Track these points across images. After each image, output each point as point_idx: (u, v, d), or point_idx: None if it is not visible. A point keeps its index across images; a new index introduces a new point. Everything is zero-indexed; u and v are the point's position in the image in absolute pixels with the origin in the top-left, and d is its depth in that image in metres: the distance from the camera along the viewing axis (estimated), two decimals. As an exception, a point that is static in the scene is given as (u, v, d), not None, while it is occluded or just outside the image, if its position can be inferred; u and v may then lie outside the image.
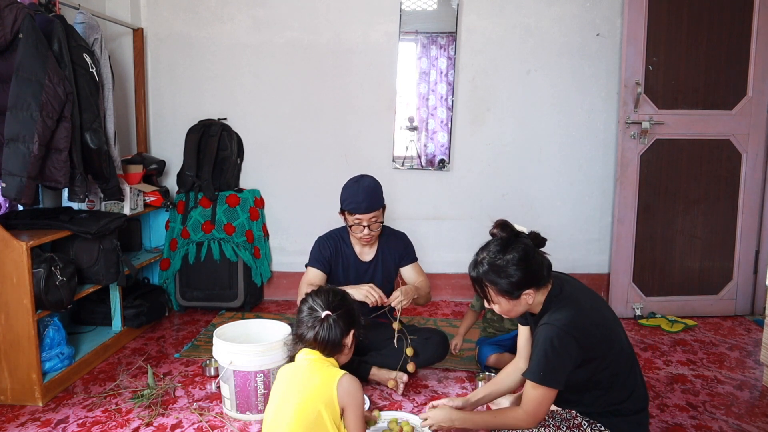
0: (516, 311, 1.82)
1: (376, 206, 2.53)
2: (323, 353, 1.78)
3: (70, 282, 2.46)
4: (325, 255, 2.61)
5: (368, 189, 2.53)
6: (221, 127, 3.53)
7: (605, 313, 1.83)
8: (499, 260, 1.74)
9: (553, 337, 1.69)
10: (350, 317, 1.84)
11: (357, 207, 2.50)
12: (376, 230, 2.56)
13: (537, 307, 1.82)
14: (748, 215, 3.37)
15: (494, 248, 1.77)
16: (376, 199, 2.54)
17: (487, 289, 1.79)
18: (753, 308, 3.47)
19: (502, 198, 3.68)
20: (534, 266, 1.75)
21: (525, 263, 1.74)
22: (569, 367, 1.70)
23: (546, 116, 3.60)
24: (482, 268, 1.77)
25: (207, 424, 2.21)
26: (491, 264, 1.75)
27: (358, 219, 2.51)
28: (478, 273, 1.79)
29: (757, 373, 2.68)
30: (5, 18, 2.31)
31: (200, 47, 3.61)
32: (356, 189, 2.53)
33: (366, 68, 3.59)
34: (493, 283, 1.76)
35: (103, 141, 2.69)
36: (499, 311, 1.83)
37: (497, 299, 1.79)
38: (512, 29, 3.53)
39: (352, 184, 2.56)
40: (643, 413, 1.83)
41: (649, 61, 3.25)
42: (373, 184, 2.57)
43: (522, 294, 1.76)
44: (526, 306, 1.80)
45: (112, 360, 2.81)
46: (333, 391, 1.66)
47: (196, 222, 3.42)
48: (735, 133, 3.33)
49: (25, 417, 2.27)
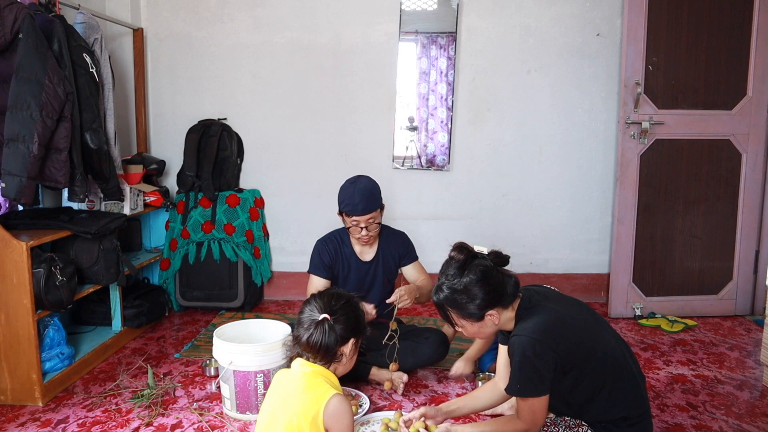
0: (484, 332, 1.80)
1: (373, 207, 2.52)
2: (317, 360, 1.70)
3: (70, 282, 2.46)
4: (326, 260, 2.60)
5: (365, 190, 2.51)
6: (221, 127, 3.53)
7: (586, 317, 1.81)
8: (457, 284, 1.72)
9: (525, 347, 1.67)
10: (353, 324, 1.74)
11: (354, 208, 2.49)
12: (374, 231, 2.55)
13: (509, 324, 1.80)
14: (748, 215, 3.37)
15: (452, 272, 1.75)
16: (373, 200, 2.52)
17: (450, 314, 1.77)
18: (753, 308, 3.46)
19: (502, 198, 3.68)
20: (494, 285, 1.73)
21: (484, 284, 1.71)
22: (548, 373, 1.67)
23: (546, 116, 3.60)
24: (442, 294, 1.75)
25: (207, 424, 2.21)
26: (450, 288, 1.73)
27: (356, 220, 2.51)
28: (438, 298, 1.77)
29: (757, 373, 2.68)
30: (5, 18, 2.31)
31: (200, 47, 3.61)
32: (353, 190, 2.51)
33: (366, 68, 3.59)
34: (454, 306, 1.74)
35: (103, 141, 2.69)
36: (467, 335, 1.82)
37: (461, 322, 1.78)
38: (512, 29, 3.53)
39: (349, 186, 2.55)
40: (642, 424, 1.78)
41: (649, 61, 3.25)
42: (369, 185, 2.55)
43: (486, 315, 1.74)
44: (492, 326, 1.78)
45: (112, 360, 2.81)
46: (319, 414, 1.59)
47: (196, 222, 3.42)
48: (735, 133, 3.33)
49: (25, 417, 2.27)
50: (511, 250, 3.66)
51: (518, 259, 3.71)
